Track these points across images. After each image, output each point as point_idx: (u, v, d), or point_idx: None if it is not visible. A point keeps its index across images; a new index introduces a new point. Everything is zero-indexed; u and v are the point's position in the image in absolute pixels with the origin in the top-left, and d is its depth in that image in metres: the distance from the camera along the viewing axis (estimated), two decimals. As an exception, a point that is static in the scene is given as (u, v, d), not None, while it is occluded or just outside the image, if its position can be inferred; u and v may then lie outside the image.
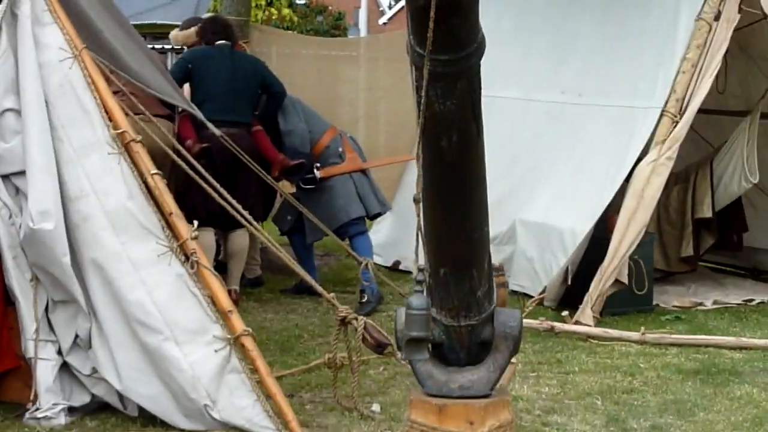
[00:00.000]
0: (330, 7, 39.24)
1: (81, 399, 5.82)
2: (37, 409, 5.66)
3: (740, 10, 8.65)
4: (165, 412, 5.61)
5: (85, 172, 5.67)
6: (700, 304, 9.26)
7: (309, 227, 8.95)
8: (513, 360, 5.99)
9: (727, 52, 10.02)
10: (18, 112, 5.67)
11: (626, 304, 8.76)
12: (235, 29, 10.03)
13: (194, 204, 8.05)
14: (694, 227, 9.75)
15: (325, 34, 31.76)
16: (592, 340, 7.86)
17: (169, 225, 5.65)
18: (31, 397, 5.71)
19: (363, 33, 36.73)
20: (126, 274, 5.59)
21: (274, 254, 6.83)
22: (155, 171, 5.72)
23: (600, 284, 8.28)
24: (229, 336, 5.50)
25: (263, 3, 34.64)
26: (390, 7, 48.24)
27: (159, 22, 22.55)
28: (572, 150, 9.46)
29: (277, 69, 10.50)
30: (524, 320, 7.80)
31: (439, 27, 2.48)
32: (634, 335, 7.86)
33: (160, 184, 5.70)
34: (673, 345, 7.78)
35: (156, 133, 8.39)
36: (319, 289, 6.06)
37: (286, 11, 35.56)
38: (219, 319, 5.53)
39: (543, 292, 8.67)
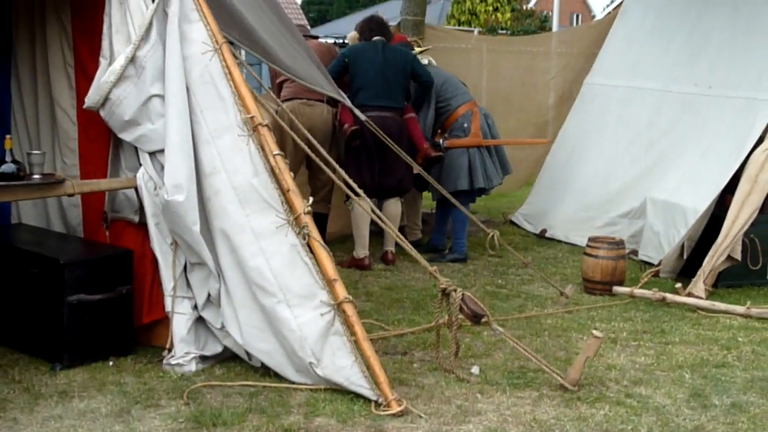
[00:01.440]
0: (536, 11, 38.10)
1: (214, 349, 5.26)
2: (172, 357, 5.16)
3: None
4: (279, 366, 4.99)
5: (218, 151, 5.06)
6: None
7: (432, 188, 8.21)
8: (598, 334, 5.13)
9: None
10: (163, 97, 5.10)
11: (741, 277, 7.54)
12: (407, 27, 9.31)
13: (351, 176, 7.54)
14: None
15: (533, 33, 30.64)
16: (700, 312, 6.75)
17: (287, 200, 4.98)
18: (167, 346, 5.21)
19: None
20: (248, 242, 4.96)
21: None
22: (278, 152, 5.03)
23: (713, 260, 7.13)
24: (332, 302, 4.81)
25: (490, 9, 34.00)
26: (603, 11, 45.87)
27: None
28: (701, 137, 8.28)
29: (443, 59, 9.76)
30: (638, 290, 6.92)
31: None
32: (739, 309, 6.68)
33: (281, 164, 5.01)
34: (777, 319, 6.62)
35: (315, 114, 7.91)
36: (423, 261, 5.23)
37: (507, 15, 34.89)
38: (326, 286, 4.84)
39: (659, 264, 7.59)
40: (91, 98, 5.21)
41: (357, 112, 7.10)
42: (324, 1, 66.42)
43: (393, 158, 7.63)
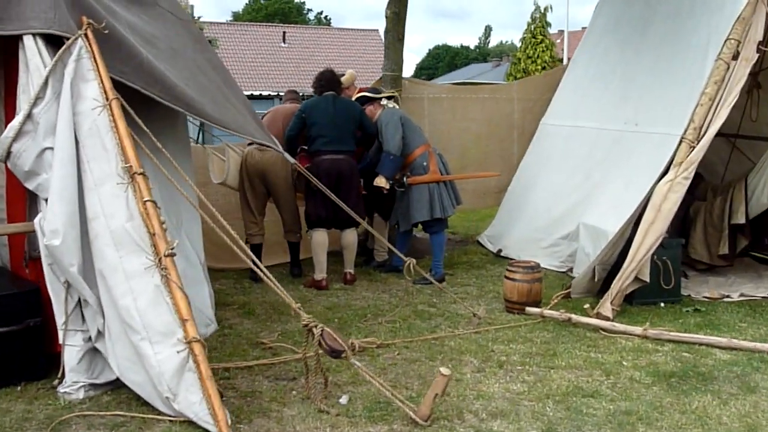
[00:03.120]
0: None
1: (107, 377, 4.29)
2: (62, 385, 4.25)
3: (759, 50, 5.90)
4: (149, 397, 4.02)
5: (99, 198, 4.12)
6: (728, 296, 6.57)
7: (401, 220, 7.16)
8: (446, 372, 4.00)
9: (759, 87, 7.38)
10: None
11: (655, 295, 6.22)
12: (387, 81, 8.24)
13: (309, 211, 6.57)
14: (730, 231, 6.98)
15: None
16: (601, 332, 5.50)
17: (154, 244, 4.02)
18: (59, 375, 4.30)
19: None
20: (120, 282, 4.01)
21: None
22: (148, 198, 4.08)
23: (620, 281, 5.85)
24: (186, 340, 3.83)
25: (539, 69, 32.11)
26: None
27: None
28: (626, 169, 6.96)
29: (426, 108, 8.68)
30: (548, 311, 5.70)
31: None
32: (637, 330, 5.39)
33: (150, 209, 4.04)
34: (670, 341, 5.29)
35: (266, 158, 6.93)
36: (288, 299, 4.16)
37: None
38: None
39: (569, 287, 6.32)
40: (-2, 152, 4.38)
41: (287, 156, 6.13)
42: (432, 66, 67.41)
43: (345, 194, 6.60)
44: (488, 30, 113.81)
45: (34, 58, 4.29)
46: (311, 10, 64.05)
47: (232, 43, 42.67)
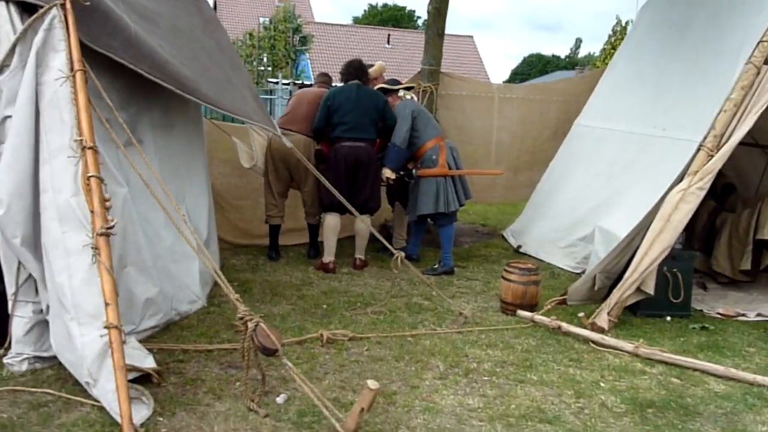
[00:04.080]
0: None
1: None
2: (5, 356, 3.65)
3: (794, 55, 4.67)
4: (81, 377, 3.33)
5: (51, 171, 3.46)
6: (744, 314, 5.37)
7: (410, 211, 6.32)
8: (372, 385, 3.13)
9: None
10: (13, 119, 3.60)
11: (662, 308, 5.12)
12: (425, 75, 7.33)
13: (323, 195, 5.77)
14: (754, 246, 5.75)
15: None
16: (591, 344, 4.50)
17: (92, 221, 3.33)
18: (5, 345, 3.71)
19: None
20: (59, 258, 3.35)
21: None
22: (92, 174, 3.39)
23: (620, 292, 4.81)
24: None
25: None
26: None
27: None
28: (649, 174, 5.82)
29: (458, 102, 7.73)
30: (538, 316, 4.72)
31: None
32: (628, 346, 4.34)
33: (93, 185, 3.36)
34: (662, 362, 4.22)
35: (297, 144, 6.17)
36: (228, 289, 3.40)
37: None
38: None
39: (565, 293, 5.28)
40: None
41: (285, 140, 5.30)
42: (525, 72, 65.85)
43: (361, 182, 5.88)
44: (578, 42, 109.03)
45: (5, 25, 3.66)
46: (420, 17, 62.92)
47: (343, 42, 42.35)
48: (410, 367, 3.93)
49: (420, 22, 61.28)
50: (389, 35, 44.20)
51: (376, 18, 60.99)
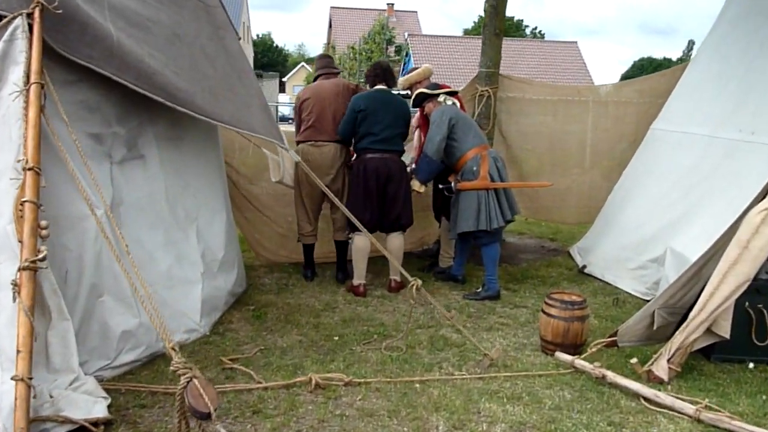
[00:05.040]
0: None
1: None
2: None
3: None
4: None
5: (-5, 194, 3.09)
6: None
7: (451, 228, 5.54)
8: None
9: None
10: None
11: (743, 352, 4.09)
12: (482, 77, 6.57)
13: (351, 213, 5.11)
14: None
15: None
16: (643, 401, 3.58)
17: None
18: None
19: None
20: (-8, 292, 2.95)
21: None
22: (27, 199, 2.94)
23: (683, 335, 3.84)
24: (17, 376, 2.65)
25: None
26: None
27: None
28: (733, 186, 4.80)
29: (526, 108, 6.89)
30: (579, 361, 3.85)
31: None
32: (688, 408, 3.39)
33: (26, 211, 2.92)
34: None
35: (323, 153, 5.56)
36: (165, 335, 2.82)
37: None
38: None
39: (615, 333, 4.29)
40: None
41: (293, 154, 4.71)
42: (634, 75, 63.34)
43: (392, 197, 5.24)
44: (690, 44, 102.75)
45: (-33, 36, 3.34)
46: (528, 26, 60.96)
47: (448, 53, 41.65)
48: (403, 427, 3.21)
49: (528, 30, 59.47)
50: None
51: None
